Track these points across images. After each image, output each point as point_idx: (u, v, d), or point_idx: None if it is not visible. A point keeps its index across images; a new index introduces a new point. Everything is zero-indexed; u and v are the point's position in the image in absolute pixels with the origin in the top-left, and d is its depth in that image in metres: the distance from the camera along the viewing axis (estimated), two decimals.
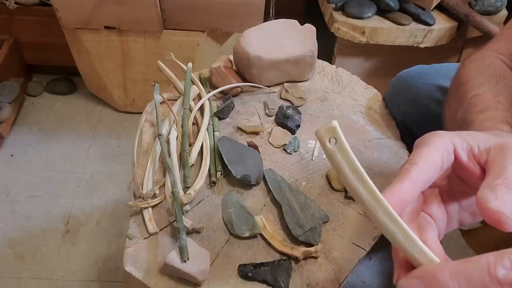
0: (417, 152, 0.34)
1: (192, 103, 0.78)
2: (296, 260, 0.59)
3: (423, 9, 1.27)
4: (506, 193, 0.30)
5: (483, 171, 0.34)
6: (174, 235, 0.61)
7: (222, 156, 0.67)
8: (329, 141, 0.31)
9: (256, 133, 0.76)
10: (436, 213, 0.37)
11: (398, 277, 0.31)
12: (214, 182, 0.67)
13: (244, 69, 0.83)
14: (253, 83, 0.83)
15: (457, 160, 0.35)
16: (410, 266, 0.31)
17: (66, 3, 1.15)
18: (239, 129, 0.76)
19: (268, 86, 0.84)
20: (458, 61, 1.40)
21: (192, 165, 0.69)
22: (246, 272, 0.57)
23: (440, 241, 0.36)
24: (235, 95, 0.82)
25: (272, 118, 0.79)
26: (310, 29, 0.85)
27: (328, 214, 0.64)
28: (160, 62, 0.84)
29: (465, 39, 1.34)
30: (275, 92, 0.84)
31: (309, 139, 0.76)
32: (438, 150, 0.33)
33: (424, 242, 0.32)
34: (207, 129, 0.74)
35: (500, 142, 0.35)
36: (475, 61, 0.57)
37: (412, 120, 0.76)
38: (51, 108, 1.49)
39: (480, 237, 1.00)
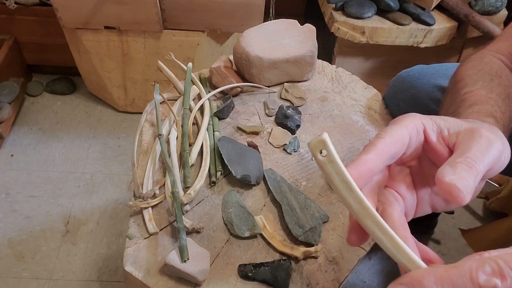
0: (386, 129, 0.35)
1: (192, 103, 0.78)
2: (296, 260, 0.59)
3: (423, 9, 1.27)
4: (465, 170, 0.31)
5: (452, 153, 0.35)
6: (174, 235, 0.61)
7: (222, 156, 0.67)
8: (320, 153, 0.32)
9: (256, 133, 0.76)
10: (405, 193, 0.38)
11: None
12: (214, 182, 0.67)
13: (244, 69, 0.83)
14: (253, 83, 0.83)
15: (427, 141, 0.36)
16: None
17: (66, 3, 1.15)
18: (239, 129, 0.76)
19: (268, 86, 0.84)
20: (458, 61, 1.40)
21: (192, 165, 0.69)
22: (246, 272, 0.57)
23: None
24: (235, 95, 0.83)
25: (272, 118, 0.79)
26: (310, 29, 0.85)
27: (328, 214, 0.64)
28: (160, 62, 0.84)
29: (465, 39, 1.34)
30: (275, 92, 0.84)
31: (309, 139, 0.76)
32: (407, 128, 0.35)
33: (389, 216, 0.34)
34: (207, 129, 0.74)
35: (471, 127, 0.36)
36: (473, 60, 0.58)
37: None
38: (51, 108, 1.49)
39: (480, 236, 1.00)
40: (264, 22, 0.90)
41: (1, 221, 1.17)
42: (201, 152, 0.71)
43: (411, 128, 0.35)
